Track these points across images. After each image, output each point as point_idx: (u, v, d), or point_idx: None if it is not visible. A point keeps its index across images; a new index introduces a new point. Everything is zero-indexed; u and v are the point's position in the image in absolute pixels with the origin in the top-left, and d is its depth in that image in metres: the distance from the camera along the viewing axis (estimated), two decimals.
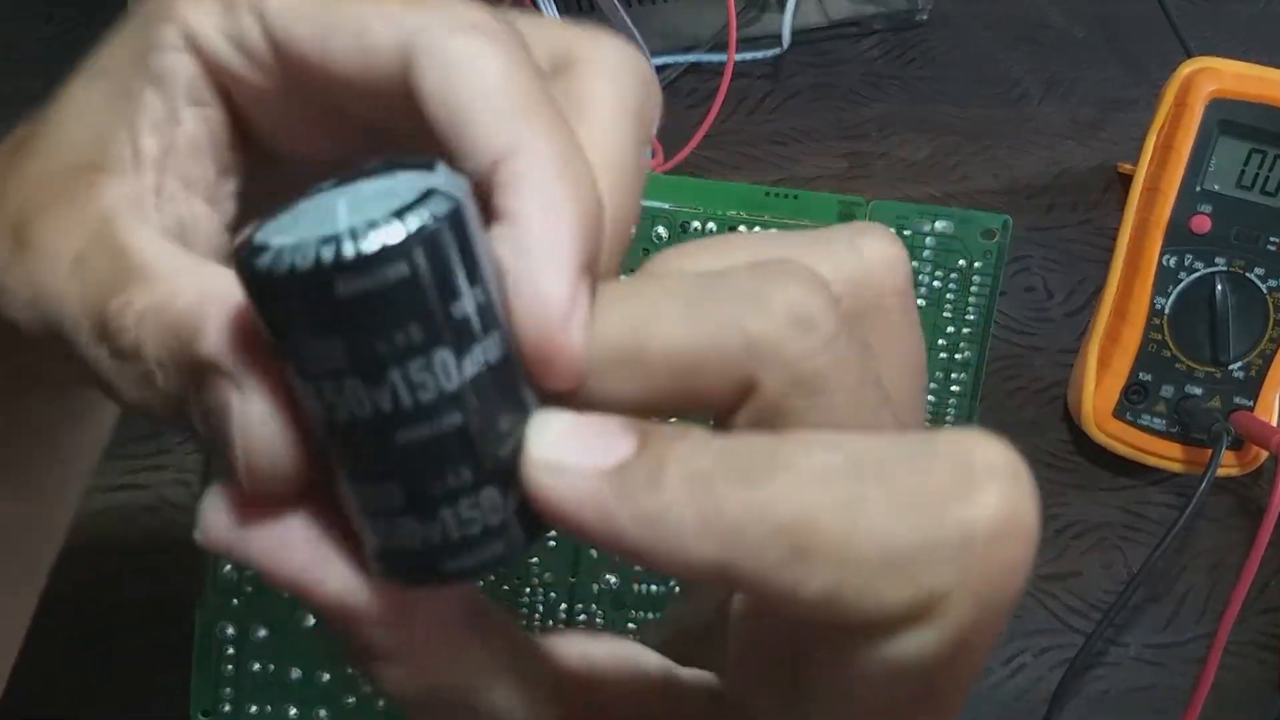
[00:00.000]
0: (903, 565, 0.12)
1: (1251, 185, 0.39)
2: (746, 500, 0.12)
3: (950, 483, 0.12)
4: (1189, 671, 0.39)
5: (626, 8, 0.39)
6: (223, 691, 0.32)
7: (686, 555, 0.12)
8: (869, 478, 0.12)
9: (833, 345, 0.13)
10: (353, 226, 0.11)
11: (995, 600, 0.12)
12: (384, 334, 0.12)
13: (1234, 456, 0.40)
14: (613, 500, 0.12)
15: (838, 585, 0.12)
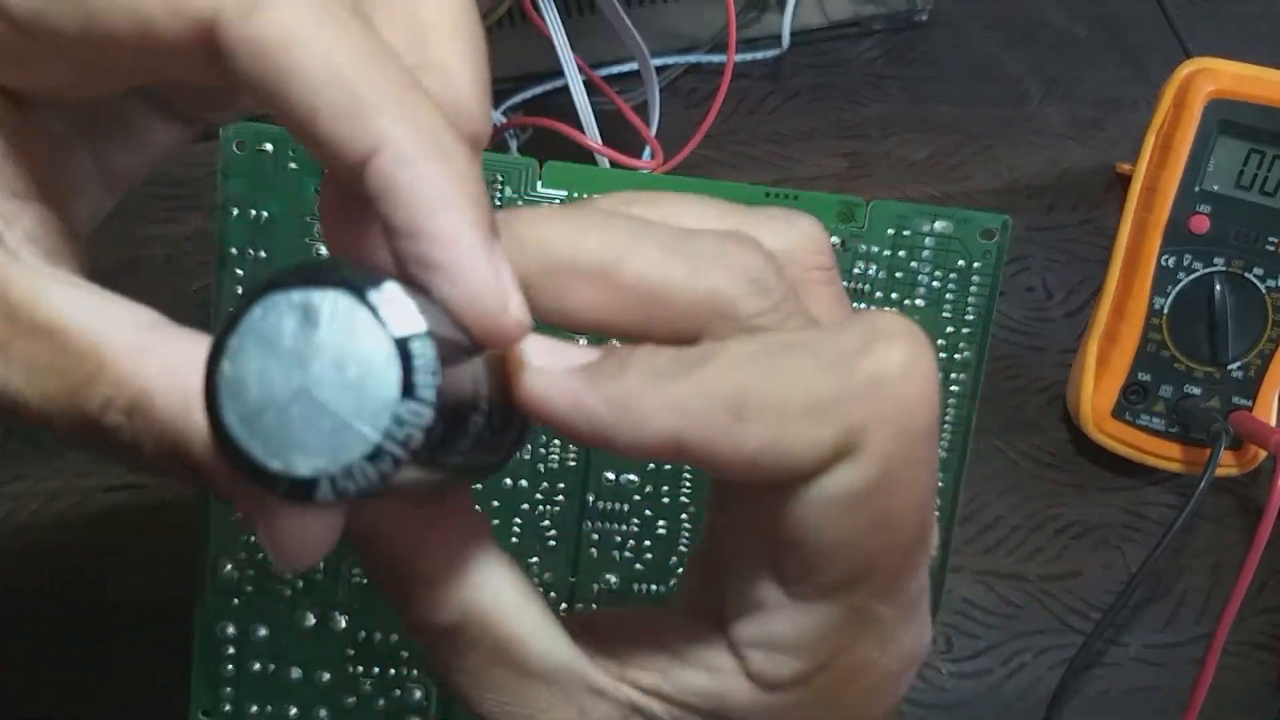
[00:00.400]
0: (823, 409, 0.14)
1: (1250, 185, 0.39)
2: (694, 380, 0.14)
3: (859, 343, 0.14)
4: (1188, 671, 0.39)
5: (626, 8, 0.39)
6: (223, 691, 0.32)
7: (646, 430, 0.14)
8: (791, 352, 0.14)
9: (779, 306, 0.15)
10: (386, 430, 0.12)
11: (909, 428, 0.14)
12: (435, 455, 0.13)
13: (1233, 456, 0.40)
14: (585, 389, 0.14)
15: (772, 436, 0.14)
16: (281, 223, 0.31)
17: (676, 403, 0.14)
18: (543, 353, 0.15)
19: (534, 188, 0.31)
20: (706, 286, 0.15)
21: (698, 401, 0.14)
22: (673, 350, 0.15)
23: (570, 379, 0.14)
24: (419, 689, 0.33)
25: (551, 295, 0.15)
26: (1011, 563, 0.40)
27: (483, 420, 0.14)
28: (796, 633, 0.16)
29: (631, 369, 0.14)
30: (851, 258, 0.32)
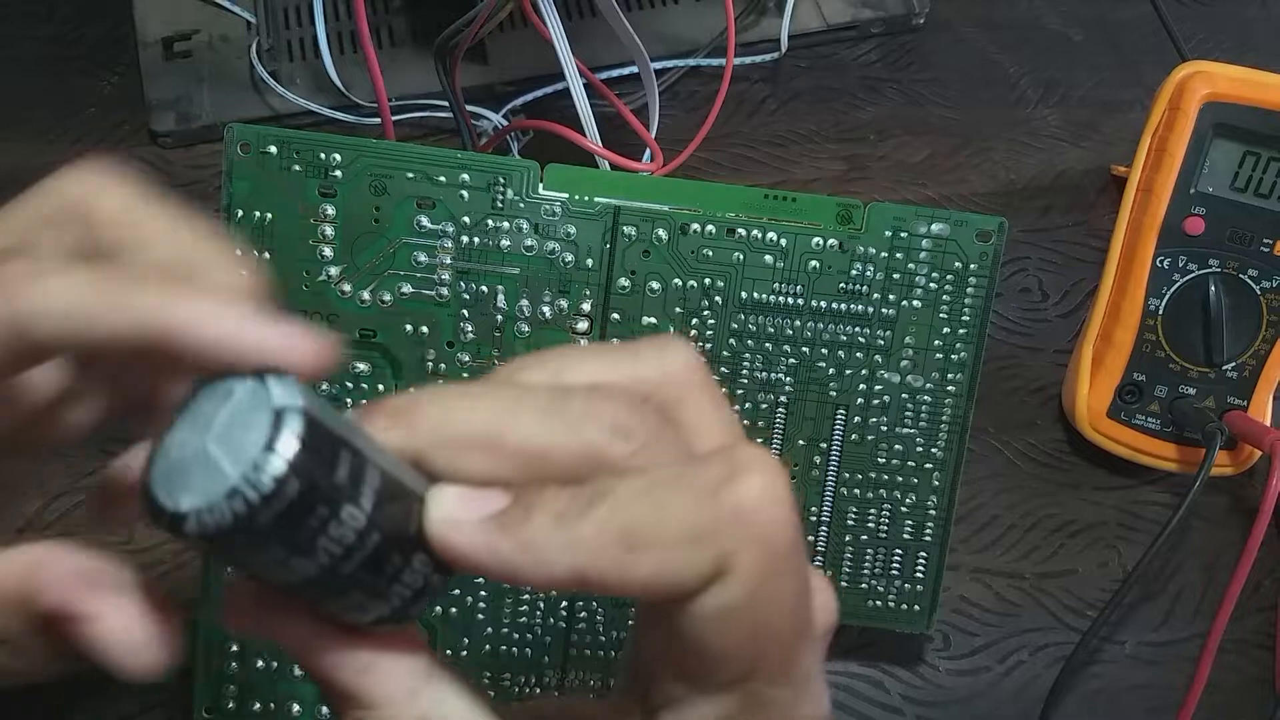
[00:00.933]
0: (697, 539, 0.16)
1: (1245, 187, 0.40)
2: (589, 520, 0.16)
3: (722, 476, 0.17)
4: (1184, 670, 0.39)
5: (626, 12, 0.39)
6: (226, 689, 0.33)
7: (555, 569, 0.16)
8: (667, 487, 0.16)
9: (646, 448, 0.17)
10: (244, 474, 0.14)
11: (772, 550, 0.17)
12: (302, 526, 0.15)
13: (1228, 456, 0.41)
14: (497, 537, 0.16)
15: (659, 564, 0.16)
16: (285, 225, 0.31)
17: (577, 543, 0.16)
18: (454, 503, 0.17)
19: (535, 190, 0.32)
20: (579, 442, 0.17)
21: (594, 540, 0.16)
22: (571, 491, 0.17)
23: (485, 530, 0.16)
24: None
25: (445, 464, 0.17)
26: (1008, 561, 0.40)
27: (364, 521, 0.15)
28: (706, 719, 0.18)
29: (535, 515, 0.16)
30: (849, 260, 0.33)
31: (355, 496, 0.15)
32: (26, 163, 0.42)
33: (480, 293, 0.32)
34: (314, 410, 0.15)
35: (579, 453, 0.17)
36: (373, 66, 0.36)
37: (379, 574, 0.16)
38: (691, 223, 0.32)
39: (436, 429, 0.17)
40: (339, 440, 0.15)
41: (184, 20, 0.44)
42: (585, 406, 0.17)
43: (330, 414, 0.16)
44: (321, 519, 0.15)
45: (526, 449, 0.17)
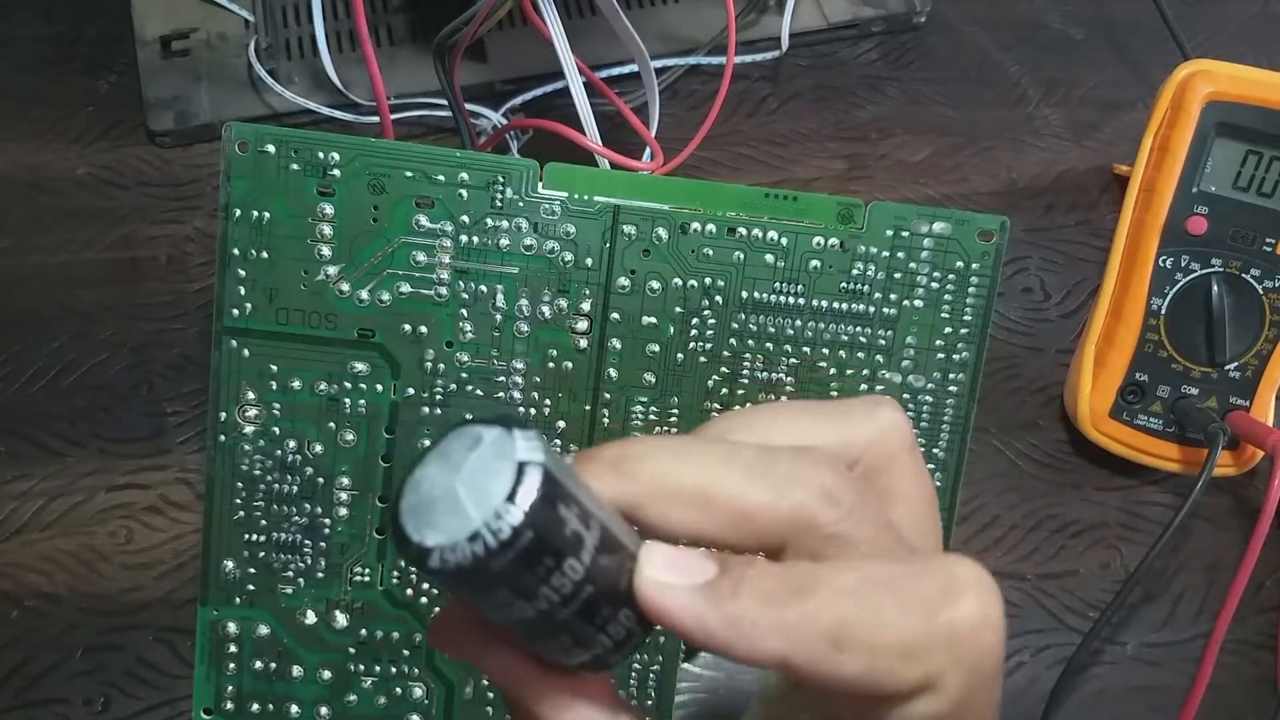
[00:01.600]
0: (909, 653, 0.17)
1: (1248, 187, 0.40)
2: (800, 610, 0.17)
3: (939, 592, 0.17)
4: (1186, 670, 0.39)
5: (626, 10, 0.39)
6: (225, 689, 0.32)
7: (759, 649, 0.17)
8: (881, 591, 0.17)
9: (851, 514, 0.18)
10: (487, 520, 0.16)
11: (980, 673, 0.17)
12: (529, 573, 0.16)
13: (1230, 456, 0.40)
14: (704, 607, 0.17)
15: (867, 668, 0.16)
16: (284, 224, 0.31)
17: (784, 629, 0.16)
18: (665, 564, 0.17)
19: (534, 189, 0.32)
20: (787, 505, 0.17)
21: (802, 630, 0.16)
22: (778, 572, 0.17)
23: (693, 597, 0.17)
24: (420, 687, 0.33)
25: (656, 517, 0.18)
26: (1009, 562, 0.40)
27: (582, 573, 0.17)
28: None
29: (744, 592, 0.17)
30: (850, 259, 0.33)
31: (578, 550, 0.16)
32: (24, 161, 0.42)
33: (479, 292, 0.32)
34: (552, 466, 0.16)
35: (786, 515, 0.17)
36: (371, 65, 0.36)
37: (588, 623, 0.17)
38: (692, 222, 0.32)
39: (652, 482, 0.18)
40: (569, 496, 0.16)
41: (182, 19, 0.44)
42: (793, 469, 0.18)
43: (562, 468, 0.17)
44: (547, 568, 0.16)
45: (735, 508, 0.17)
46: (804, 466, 0.18)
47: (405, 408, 0.32)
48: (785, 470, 0.18)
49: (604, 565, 0.17)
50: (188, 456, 0.38)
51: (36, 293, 0.40)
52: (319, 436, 0.32)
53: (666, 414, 0.33)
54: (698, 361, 0.33)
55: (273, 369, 0.32)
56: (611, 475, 0.18)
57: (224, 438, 0.32)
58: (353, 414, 0.32)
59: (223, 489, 0.32)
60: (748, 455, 0.18)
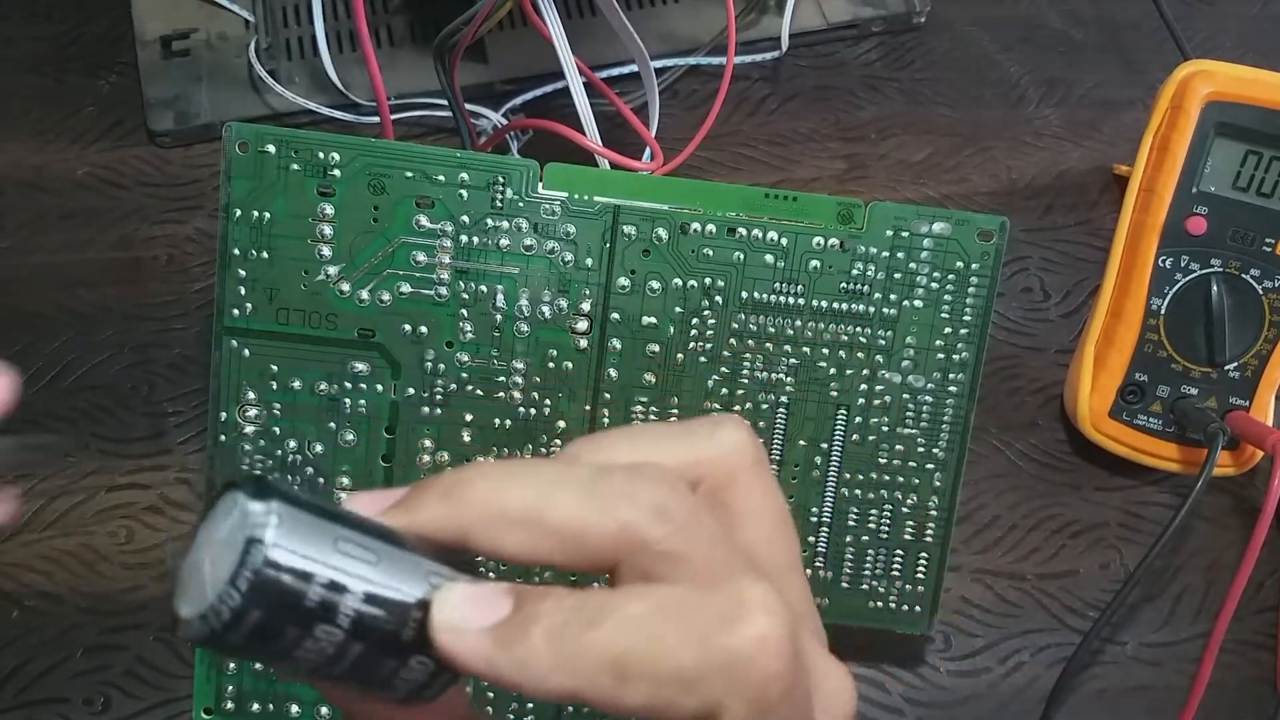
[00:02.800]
0: (688, 682, 0.16)
1: (1248, 187, 0.40)
2: (585, 643, 0.16)
3: (720, 619, 0.17)
4: (1185, 670, 0.39)
5: (626, 10, 0.39)
6: (225, 689, 0.32)
7: (547, 686, 0.16)
8: (668, 619, 0.17)
9: (681, 530, 0.17)
10: (212, 602, 0.16)
11: (763, 700, 0.16)
12: (274, 643, 0.17)
13: (1230, 456, 0.40)
14: (494, 651, 0.17)
15: (650, 699, 0.16)
16: (283, 224, 0.31)
17: (571, 666, 0.16)
18: (457, 607, 0.17)
19: (534, 189, 0.32)
20: (615, 523, 0.17)
21: (588, 664, 0.16)
22: (572, 602, 0.17)
23: (482, 642, 0.17)
24: None
25: (486, 541, 0.18)
26: (1009, 562, 0.40)
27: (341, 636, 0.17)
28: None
29: (533, 631, 0.17)
30: (850, 259, 0.33)
31: (330, 617, 0.17)
32: (25, 161, 0.42)
33: (479, 292, 0.32)
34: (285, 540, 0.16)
35: (615, 533, 0.17)
36: (371, 65, 0.36)
37: (371, 674, 0.17)
38: (692, 222, 0.32)
39: (481, 507, 0.18)
40: (310, 574, 0.16)
41: (182, 19, 0.44)
42: (624, 486, 0.18)
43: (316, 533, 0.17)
44: (293, 638, 0.16)
45: (565, 529, 0.17)
46: (636, 484, 0.18)
47: (405, 408, 0.32)
48: (616, 488, 0.18)
49: (373, 623, 0.17)
50: (188, 456, 0.38)
51: (37, 293, 0.40)
52: (319, 436, 0.32)
53: (666, 414, 0.33)
54: (698, 361, 0.33)
55: (273, 369, 0.32)
56: (439, 503, 0.18)
57: (224, 438, 0.32)
58: (353, 414, 0.32)
59: None
60: (581, 474, 0.18)
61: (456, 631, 0.17)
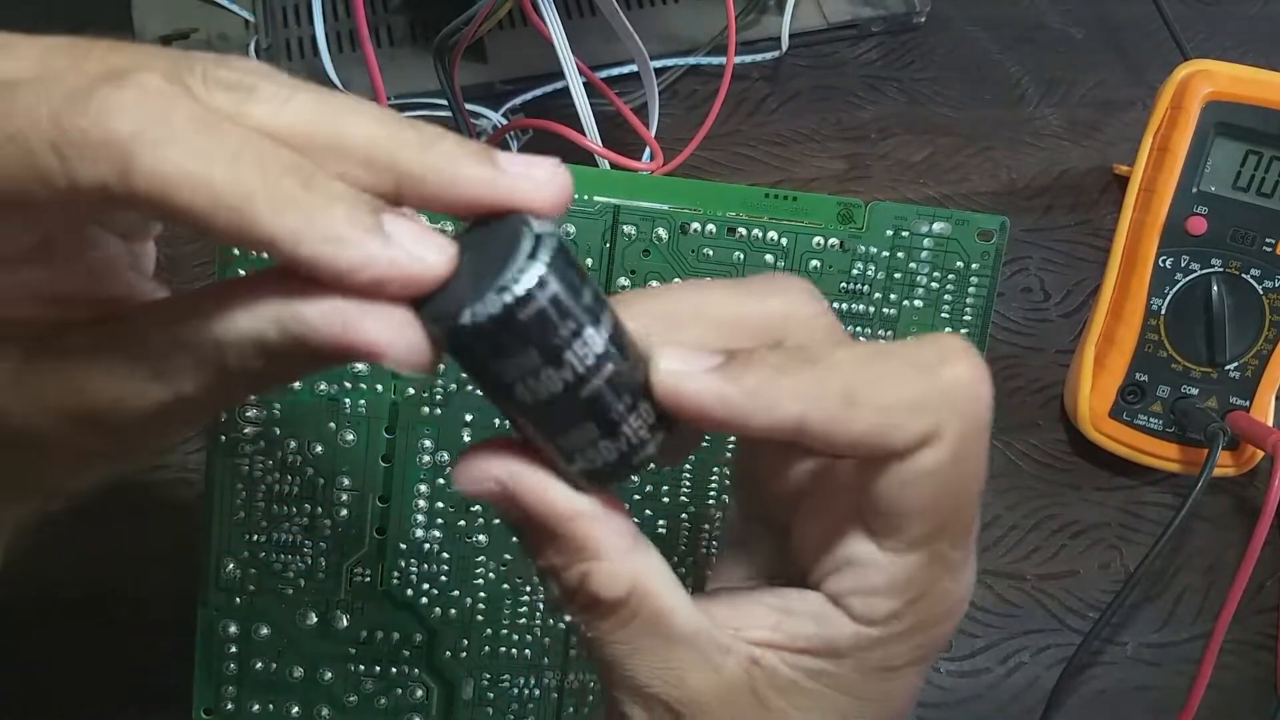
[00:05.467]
0: (916, 407, 0.18)
1: (1248, 187, 0.40)
2: (812, 374, 0.18)
3: (935, 356, 0.19)
4: (1186, 671, 0.39)
5: (626, 10, 0.39)
6: (225, 690, 0.32)
7: (779, 413, 0.18)
8: (887, 358, 0.19)
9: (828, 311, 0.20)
10: (511, 275, 0.17)
11: (976, 422, 0.19)
12: (551, 331, 0.17)
13: (1230, 457, 0.40)
14: (722, 384, 0.18)
15: (876, 424, 0.18)
16: None
17: (800, 392, 0.18)
18: (678, 356, 0.18)
19: None
20: (774, 305, 0.20)
21: (816, 391, 0.18)
22: (785, 350, 0.19)
23: (711, 377, 0.18)
24: (420, 687, 0.33)
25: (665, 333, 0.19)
26: (1009, 562, 0.40)
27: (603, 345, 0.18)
28: (890, 580, 0.20)
29: (756, 366, 0.18)
30: (850, 259, 0.33)
31: (596, 322, 0.18)
32: None
33: None
34: (566, 245, 0.18)
35: (774, 314, 0.20)
36: (371, 65, 0.36)
37: (612, 405, 0.18)
38: (692, 222, 0.32)
39: (652, 313, 0.19)
40: (584, 274, 0.18)
41: (182, 19, 0.44)
42: (767, 283, 0.20)
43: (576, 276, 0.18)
44: (570, 331, 0.17)
45: (730, 317, 0.19)
46: (775, 280, 0.20)
47: (405, 408, 0.32)
48: (761, 283, 0.20)
49: (623, 349, 0.18)
50: (188, 456, 0.38)
51: None
52: (319, 436, 0.32)
53: None
54: None
55: None
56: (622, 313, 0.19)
57: (224, 438, 0.32)
58: (353, 414, 0.32)
59: (223, 489, 0.32)
60: (725, 280, 0.20)
61: (684, 374, 0.18)
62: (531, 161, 0.18)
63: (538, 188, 0.18)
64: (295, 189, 0.16)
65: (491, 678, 0.33)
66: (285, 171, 0.16)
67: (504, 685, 0.33)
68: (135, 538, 0.37)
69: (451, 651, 0.33)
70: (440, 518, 0.32)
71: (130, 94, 0.16)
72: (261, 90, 0.17)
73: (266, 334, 0.17)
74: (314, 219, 0.16)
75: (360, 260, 0.16)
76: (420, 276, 0.17)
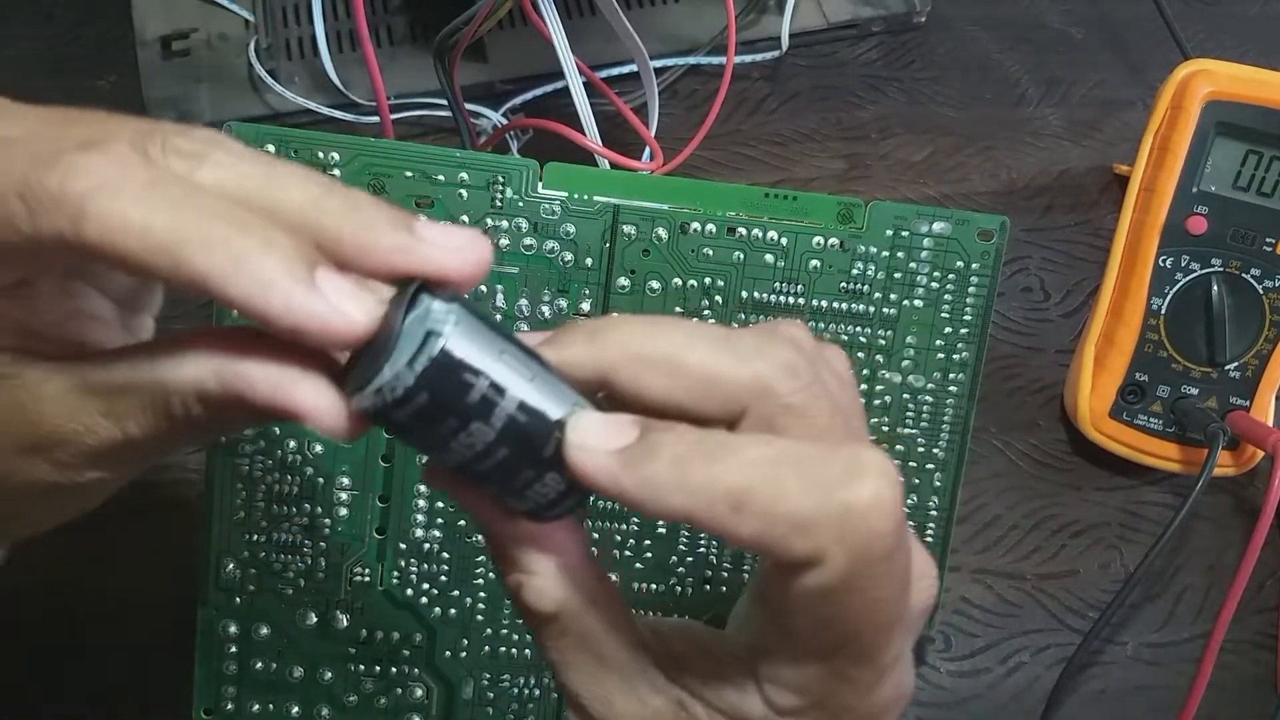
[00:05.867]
0: (802, 527, 0.18)
1: (1248, 186, 0.40)
2: (706, 473, 0.18)
3: (841, 475, 0.18)
4: (1186, 671, 0.39)
5: (626, 10, 0.39)
6: (225, 690, 0.32)
7: (667, 504, 0.18)
8: (789, 465, 0.18)
9: (808, 388, 0.19)
10: (389, 378, 0.18)
11: (865, 554, 0.18)
12: (432, 427, 0.18)
13: (1230, 456, 0.40)
14: (620, 470, 0.19)
15: (761, 533, 0.18)
16: None
17: (689, 489, 0.18)
18: (589, 431, 0.19)
19: (534, 189, 0.32)
20: (750, 372, 0.19)
21: (707, 492, 0.18)
22: (694, 437, 0.19)
23: (610, 460, 0.19)
24: (420, 687, 0.33)
25: (628, 380, 0.19)
26: (1009, 562, 0.40)
27: (493, 436, 0.19)
28: (795, 678, 0.20)
29: (660, 455, 0.18)
30: (850, 258, 0.33)
31: (486, 416, 0.18)
32: None
33: (479, 292, 0.32)
34: (462, 339, 0.18)
35: (748, 381, 0.19)
36: (371, 65, 0.36)
37: (509, 480, 0.19)
38: (691, 222, 0.32)
39: (625, 348, 0.19)
40: (478, 371, 0.18)
41: (182, 19, 0.44)
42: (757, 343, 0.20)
43: (483, 339, 0.18)
44: (451, 428, 0.18)
45: (701, 373, 0.19)
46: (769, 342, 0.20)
47: None
48: (750, 343, 0.20)
49: (521, 430, 0.19)
50: (188, 456, 0.38)
51: None
52: (319, 436, 0.32)
53: None
54: None
55: None
56: (587, 341, 0.19)
57: (224, 438, 0.32)
58: None
59: (223, 489, 0.32)
60: (716, 330, 0.20)
61: (588, 450, 0.19)
62: (449, 231, 0.19)
63: (450, 255, 0.19)
64: (229, 233, 0.17)
65: (491, 678, 0.33)
66: (220, 218, 0.18)
67: (504, 685, 0.33)
68: (135, 538, 0.37)
69: (451, 651, 0.33)
70: (440, 517, 0.32)
71: (94, 159, 0.17)
72: (212, 157, 0.19)
73: (207, 384, 0.19)
74: (242, 261, 0.17)
75: (281, 304, 0.17)
76: (341, 331, 0.18)
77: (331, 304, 0.18)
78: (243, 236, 0.17)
